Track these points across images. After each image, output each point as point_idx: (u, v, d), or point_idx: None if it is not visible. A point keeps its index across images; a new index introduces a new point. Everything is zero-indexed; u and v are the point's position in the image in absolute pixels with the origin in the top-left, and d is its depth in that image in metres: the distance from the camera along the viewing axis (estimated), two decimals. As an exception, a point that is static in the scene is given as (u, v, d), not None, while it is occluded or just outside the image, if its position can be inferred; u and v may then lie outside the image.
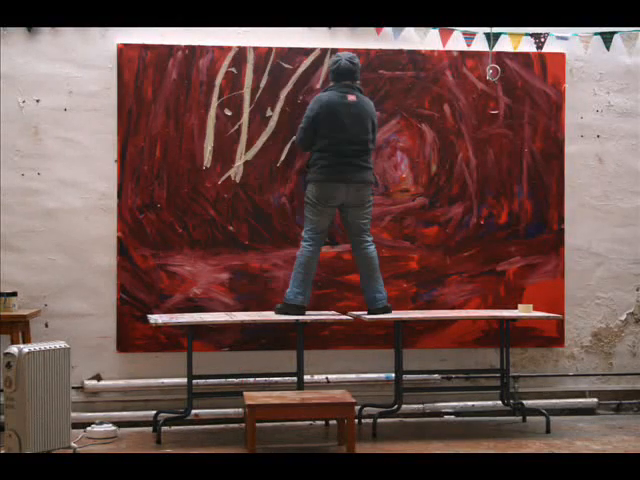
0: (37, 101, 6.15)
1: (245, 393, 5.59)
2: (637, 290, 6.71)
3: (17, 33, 6.12)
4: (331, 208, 5.99)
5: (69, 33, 6.16)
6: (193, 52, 6.24)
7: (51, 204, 6.16)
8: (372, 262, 6.01)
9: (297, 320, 5.90)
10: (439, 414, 6.47)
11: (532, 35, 6.32)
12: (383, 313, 5.98)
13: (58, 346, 5.14)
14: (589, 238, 6.64)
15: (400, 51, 6.41)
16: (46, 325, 6.14)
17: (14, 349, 4.98)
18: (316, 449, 5.65)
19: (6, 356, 4.98)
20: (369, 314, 5.99)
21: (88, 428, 5.87)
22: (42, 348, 5.05)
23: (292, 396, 5.53)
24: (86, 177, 6.19)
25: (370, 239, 6.06)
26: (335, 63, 6.00)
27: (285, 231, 6.33)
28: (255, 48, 6.30)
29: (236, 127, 6.28)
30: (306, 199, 6.03)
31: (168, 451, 5.52)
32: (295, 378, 5.95)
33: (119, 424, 6.01)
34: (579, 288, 6.62)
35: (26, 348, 4.98)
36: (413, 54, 6.42)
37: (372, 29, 6.33)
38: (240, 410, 6.14)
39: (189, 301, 6.23)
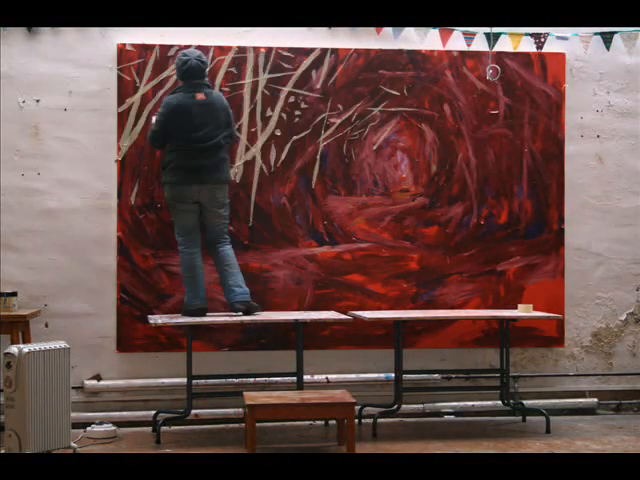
0: (37, 101, 6.15)
1: (245, 393, 5.59)
2: (637, 290, 6.71)
3: (17, 33, 6.12)
4: (191, 205, 5.92)
5: (69, 33, 6.16)
6: (193, 52, 6.23)
7: (51, 204, 6.16)
8: (229, 259, 5.95)
9: (297, 320, 5.90)
10: (439, 414, 6.47)
11: (532, 35, 6.32)
12: (247, 309, 5.88)
13: (58, 346, 5.14)
14: (589, 238, 6.64)
15: (400, 51, 6.41)
16: (46, 325, 6.14)
17: (14, 349, 4.98)
18: (316, 449, 5.65)
19: (6, 356, 4.98)
20: (231, 310, 5.91)
21: (88, 428, 5.88)
22: (42, 348, 5.05)
23: (292, 396, 5.53)
24: (86, 177, 6.19)
25: (227, 239, 6.01)
26: (185, 63, 5.88)
27: (285, 231, 6.33)
28: (255, 48, 6.30)
29: (236, 127, 6.27)
30: (166, 202, 6.02)
31: (168, 451, 5.52)
32: (295, 378, 5.95)
33: (119, 424, 6.01)
34: (579, 288, 6.62)
35: (26, 348, 4.98)
36: (413, 54, 6.42)
37: (372, 29, 6.33)
38: (240, 410, 6.14)
39: (189, 301, 6.22)
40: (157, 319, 5.80)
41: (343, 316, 6.06)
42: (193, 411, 5.94)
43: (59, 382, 5.09)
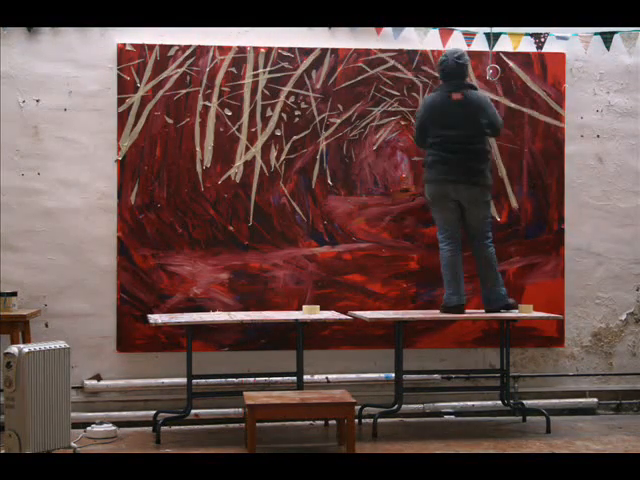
0: (37, 101, 6.15)
1: (245, 393, 5.59)
2: (637, 290, 6.71)
3: (17, 33, 6.12)
4: (450, 203, 6.00)
5: (69, 33, 6.17)
6: (193, 52, 6.24)
7: (51, 204, 6.16)
8: (491, 261, 6.04)
9: (297, 320, 5.91)
10: (439, 414, 6.47)
11: (532, 35, 6.32)
12: (504, 309, 6.06)
13: (58, 346, 5.14)
14: (589, 238, 6.64)
15: (400, 51, 6.41)
16: (46, 325, 6.14)
17: (14, 349, 4.98)
18: (316, 449, 5.65)
19: (6, 356, 4.98)
20: (486, 312, 6.10)
21: (88, 428, 5.88)
22: (42, 348, 5.05)
23: (292, 396, 5.53)
24: (86, 177, 6.19)
25: (488, 240, 6.06)
26: (442, 63, 6.04)
27: (285, 231, 6.33)
28: (255, 48, 6.30)
29: (236, 127, 6.28)
30: (425, 198, 6.17)
31: (168, 451, 5.52)
32: (295, 378, 5.95)
33: (119, 424, 6.01)
34: (579, 288, 6.62)
35: (26, 348, 4.98)
36: (413, 54, 6.43)
37: (372, 29, 6.33)
38: (240, 410, 6.14)
39: (189, 301, 6.23)
40: (157, 319, 5.80)
41: (343, 316, 6.06)
42: (193, 411, 5.94)
43: (59, 382, 5.09)
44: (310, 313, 6.01)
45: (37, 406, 4.96)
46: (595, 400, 6.62)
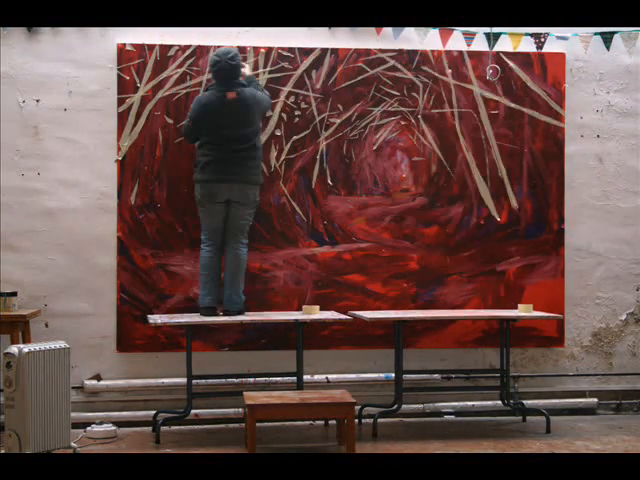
0: (37, 101, 6.15)
1: (245, 393, 5.59)
2: (637, 290, 6.71)
3: (17, 33, 6.12)
4: (218, 205, 5.94)
5: (69, 33, 6.16)
6: (193, 52, 6.24)
7: (51, 204, 6.16)
8: (240, 264, 5.98)
9: (297, 320, 5.91)
10: (439, 414, 6.47)
11: (532, 35, 6.32)
12: (237, 314, 5.96)
13: (58, 346, 5.14)
14: (589, 238, 6.64)
15: (400, 51, 6.41)
16: (46, 325, 6.14)
17: (14, 349, 4.98)
18: (316, 449, 5.65)
19: (6, 356, 4.98)
20: (224, 314, 5.97)
21: (88, 428, 5.88)
22: (42, 348, 5.05)
23: (292, 396, 5.53)
24: (86, 177, 6.19)
25: (244, 242, 6.01)
26: (215, 64, 5.89)
27: (285, 231, 6.33)
28: (255, 48, 6.30)
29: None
30: (195, 199, 6.04)
31: (168, 451, 5.52)
32: (295, 378, 5.95)
33: (119, 424, 6.01)
34: (579, 288, 6.62)
35: (26, 348, 4.98)
36: (413, 54, 6.42)
37: (372, 29, 6.33)
38: (240, 410, 6.14)
39: (189, 301, 6.22)
40: (157, 319, 5.80)
41: (343, 316, 6.06)
42: (193, 411, 5.94)
43: (59, 382, 5.09)
44: (310, 313, 6.01)
45: (37, 406, 4.96)
46: (595, 400, 6.62)
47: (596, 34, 6.31)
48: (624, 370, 6.69)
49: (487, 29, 6.22)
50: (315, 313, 6.01)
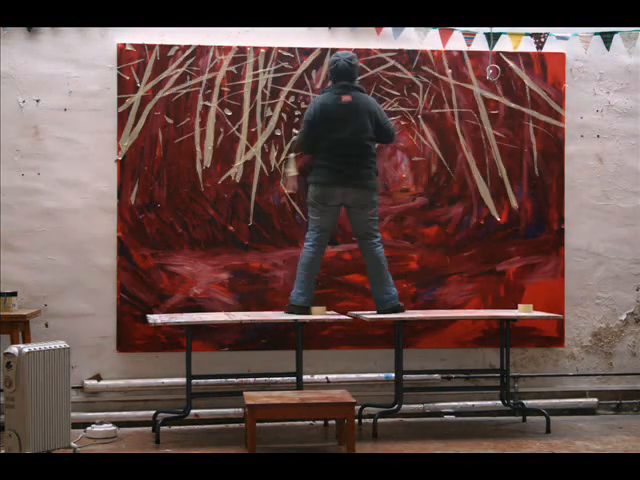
0: (37, 101, 6.15)
1: (245, 393, 5.59)
2: (637, 290, 6.71)
3: (17, 33, 6.12)
4: (333, 207, 5.98)
5: (69, 33, 6.17)
6: (193, 52, 6.24)
7: (51, 204, 6.16)
8: (381, 262, 6.00)
9: (296, 320, 5.91)
10: (439, 414, 6.47)
11: (532, 35, 6.32)
12: (393, 312, 5.98)
13: (58, 346, 5.14)
14: (589, 238, 6.64)
15: (400, 51, 6.41)
16: (46, 325, 6.14)
17: (14, 349, 4.98)
18: (316, 449, 5.65)
19: (6, 356, 4.98)
20: (378, 313, 6.00)
21: (88, 428, 5.88)
22: (42, 348, 5.05)
23: (292, 396, 5.53)
24: (86, 177, 6.19)
25: (377, 240, 6.02)
26: (333, 63, 6.00)
27: (285, 231, 6.33)
28: (255, 48, 6.30)
29: (236, 127, 6.28)
30: (307, 200, 6.06)
31: (168, 451, 5.52)
32: (295, 378, 5.95)
33: (119, 424, 6.01)
34: (579, 288, 6.62)
35: (26, 348, 4.98)
36: (413, 54, 6.42)
37: (372, 29, 6.33)
38: (240, 410, 6.14)
39: (189, 301, 6.23)
40: (156, 319, 5.80)
41: (343, 316, 6.06)
42: (193, 411, 5.94)
43: (59, 382, 5.09)
44: (317, 314, 5.99)
45: (37, 406, 4.96)
46: (595, 400, 6.62)
47: (596, 34, 6.31)
48: (624, 370, 6.69)
49: (487, 29, 6.22)
50: (321, 314, 5.98)
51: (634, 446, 5.67)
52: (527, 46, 6.42)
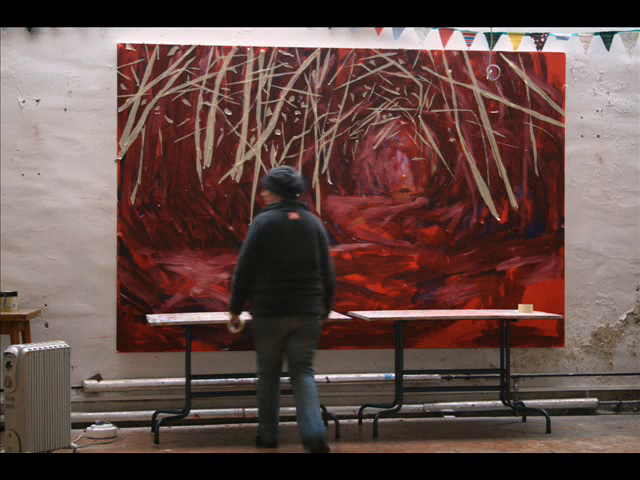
0: (37, 101, 6.15)
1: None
2: (637, 290, 6.71)
3: (17, 33, 6.12)
4: (280, 338, 5.39)
5: (69, 33, 6.17)
6: (193, 52, 6.24)
7: (51, 204, 6.16)
8: (313, 391, 5.35)
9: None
10: (439, 414, 6.47)
11: (532, 35, 6.32)
12: (318, 449, 5.19)
13: (58, 346, 5.14)
14: (589, 238, 6.64)
15: (400, 51, 6.41)
16: (46, 325, 6.14)
17: (14, 349, 4.98)
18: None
19: (6, 356, 4.98)
20: (305, 445, 5.25)
21: (88, 428, 5.87)
22: (42, 348, 5.05)
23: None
24: (86, 177, 6.19)
25: (311, 371, 5.42)
26: (275, 176, 5.43)
27: (285, 231, 6.32)
28: (255, 48, 6.30)
29: (236, 127, 6.28)
30: (251, 332, 5.49)
31: (168, 451, 5.52)
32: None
33: (119, 424, 6.01)
34: (579, 288, 6.62)
35: (26, 348, 4.98)
36: (413, 54, 6.43)
37: (372, 29, 6.33)
38: (240, 410, 6.14)
39: (189, 301, 6.22)
40: (156, 319, 5.80)
41: (343, 316, 6.05)
42: (193, 411, 5.94)
43: (59, 382, 5.09)
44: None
45: (37, 406, 4.96)
46: (595, 400, 6.62)
47: (596, 34, 6.31)
48: (624, 370, 6.69)
49: (487, 29, 6.22)
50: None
51: (634, 446, 5.67)
52: (527, 46, 6.42)
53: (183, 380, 5.95)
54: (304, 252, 5.37)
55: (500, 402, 6.25)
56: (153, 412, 6.06)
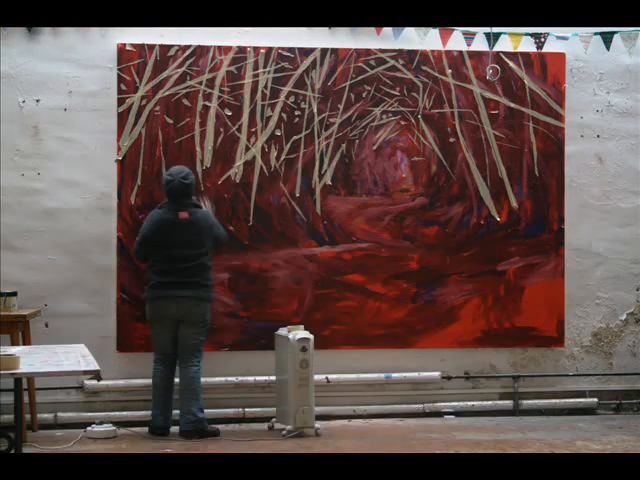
0: (37, 101, 6.15)
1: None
2: (637, 290, 6.70)
3: (17, 33, 6.12)
4: (170, 323, 5.83)
5: (69, 33, 6.17)
6: (193, 52, 6.24)
7: (51, 204, 6.16)
8: (192, 382, 5.78)
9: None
10: (439, 414, 6.46)
11: (532, 35, 6.32)
12: (196, 435, 5.74)
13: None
14: (589, 238, 6.64)
15: (400, 51, 6.41)
16: (46, 325, 6.14)
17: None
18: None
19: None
20: (179, 435, 5.77)
21: (88, 428, 5.88)
22: None
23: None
24: (86, 177, 6.19)
25: (197, 360, 5.83)
26: (168, 184, 5.85)
27: (285, 231, 6.33)
28: (255, 48, 6.30)
29: (236, 127, 6.28)
30: (145, 317, 5.94)
31: (168, 451, 5.52)
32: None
33: (119, 424, 6.01)
34: (579, 288, 6.62)
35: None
36: (413, 54, 6.42)
37: (372, 29, 6.33)
38: (240, 410, 6.14)
39: (189, 301, 6.22)
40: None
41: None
42: (193, 411, 5.95)
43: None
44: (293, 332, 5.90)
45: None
46: (595, 400, 6.62)
47: (596, 34, 6.31)
48: (624, 370, 6.69)
49: (487, 29, 6.22)
50: (300, 331, 5.88)
51: (634, 446, 5.67)
52: (527, 46, 6.41)
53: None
54: (191, 248, 5.80)
55: (500, 402, 6.25)
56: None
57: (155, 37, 6.22)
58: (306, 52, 6.34)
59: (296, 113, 6.34)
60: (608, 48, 6.35)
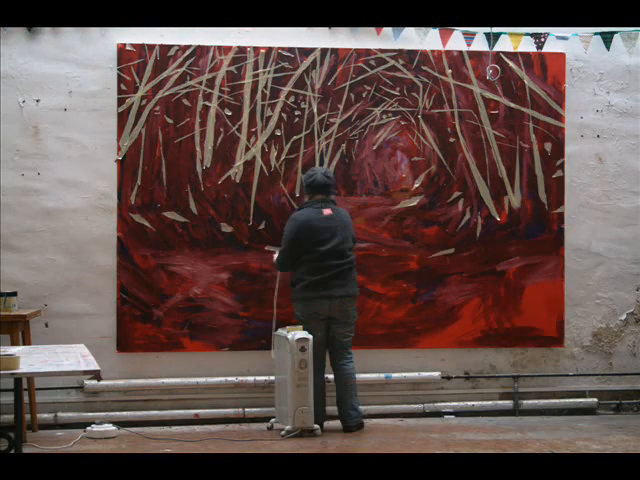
0: (37, 101, 6.15)
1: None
2: (637, 290, 6.71)
3: (17, 33, 6.12)
4: (321, 322, 5.92)
5: (69, 33, 6.17)
6: (193, 52, 6.24)
7: (51, 204, 6.17)
8: (351, 378, 5.95)
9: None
10: (439, 414, 6.47)
11: (532, 35, 6.32)
12: (357, 429, 5.93)
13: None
14: (589, 238, 6.64)
15: (400, 51, 6.42)
16: (46, 325, 6.14)
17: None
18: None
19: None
20: (344, 431, 5.91)
21: (88, 428, 5.88)
22: None
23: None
24: (86, 177, 6.19)
25: (350, 356, 5.99)
26: (310, 177, 5.98)
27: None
28: (255, 48, 6.30)
29: (236, 127, 6.28)
30: (296, 317, 5.99)
31: (168, 451, 5.52)
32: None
33: (119, 424, 6.01)
34: (579, 288, 6.62)
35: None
36: (413, 54, 6.43)
37: (372, 29, 6.33)
38: (240, 410, 6.14)
39: (189, 301, 6.23)
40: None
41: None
42: (193, 411, 5.95)
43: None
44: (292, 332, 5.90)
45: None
46: (595, 400, 6.62)
47: (596, 34, 6.31)
48: (624, 370, 6.69)
49: (487, 29, 6.22)
50: (299, 331, 5.89)
51: (634, 446, 5.67)
52: (527, 46, 6.41)
53: (183, 380, 5.96)
54: (339, 244, 5.88)
55: (500, 402, 6.25)
56: (153, 412, 6.07)
57: (155, 37, 6.22)
58: (306, 52, 6.35)
59: (296, 113, 6.34)
60: (608, 48, 6.35)
